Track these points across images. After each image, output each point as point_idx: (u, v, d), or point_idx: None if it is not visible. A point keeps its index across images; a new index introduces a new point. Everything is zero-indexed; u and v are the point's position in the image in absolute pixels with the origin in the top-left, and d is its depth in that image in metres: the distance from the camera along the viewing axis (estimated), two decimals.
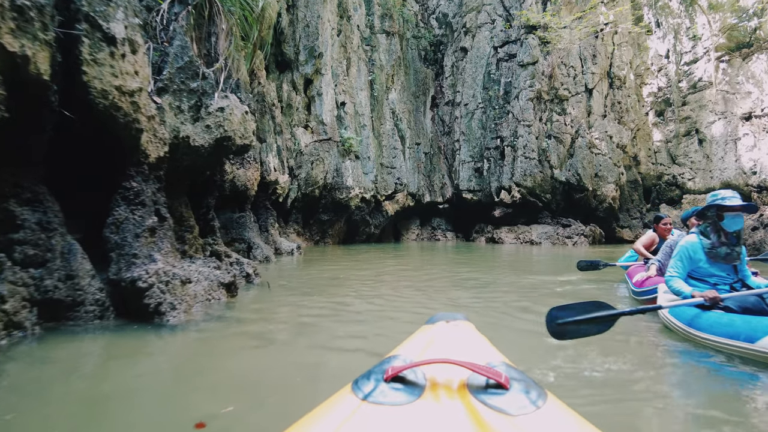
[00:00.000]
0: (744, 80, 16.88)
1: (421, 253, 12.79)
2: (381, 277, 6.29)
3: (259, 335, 3.20)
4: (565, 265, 8.04)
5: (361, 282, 5.62)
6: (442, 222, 20.00)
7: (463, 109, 18.79)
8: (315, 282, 5.59)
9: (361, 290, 5.01)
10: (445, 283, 6.07)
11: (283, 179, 11.02)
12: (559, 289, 5.31)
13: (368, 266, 7.68)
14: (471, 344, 1.25)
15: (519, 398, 0.86)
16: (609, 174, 16.46)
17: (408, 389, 0.90)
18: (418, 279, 6.24)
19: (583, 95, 16.75)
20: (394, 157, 16.93)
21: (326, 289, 5.04)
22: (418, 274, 6.81)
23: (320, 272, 6.73)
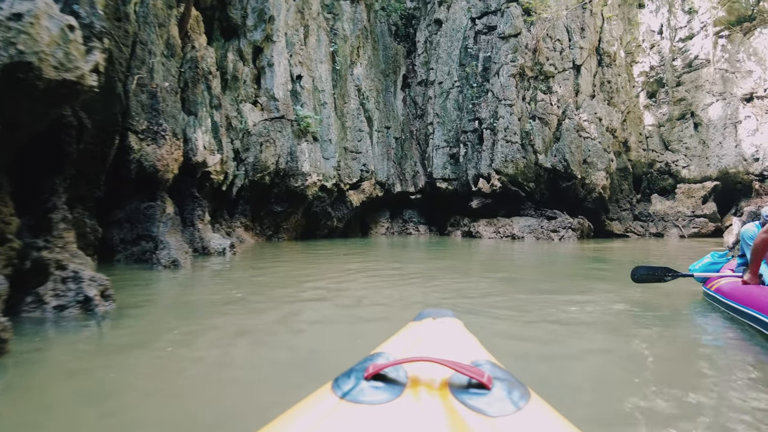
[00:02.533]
0: (745, 57, 15.78)
1: (388, 251, 11.22)
2: (315, 292, 4.69)
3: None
4: (567, 268, 6.59)
5: (278, 306, 3.90)
6: (415, 214, 18.49)
7: (437, 88, 17.25)
8: (202, 308, 3.93)
9: (261, 328, 3.29)
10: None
11: (214, 160, 9.28)
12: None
13: (311, 273, 6.05)
14: (457, 342, 1.24)
15: (500, 399, 0.85)
16: (599, 160, 15.17)
17: (388, 388, 0.89)
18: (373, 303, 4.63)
19: (571, 72, 15.39)
20: (359, 141, 15.28)
21: (204, 322, 3.37)
22: (374, 291, 5.22)
23: (235, 285, 4.97)
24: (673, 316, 3.88)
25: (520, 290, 4.72)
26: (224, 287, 4.78)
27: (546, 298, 4.37)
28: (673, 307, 4.18)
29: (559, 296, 4.45)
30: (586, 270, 6.96)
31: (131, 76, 6.87)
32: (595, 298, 4.26)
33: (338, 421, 0.80)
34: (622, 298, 4.34)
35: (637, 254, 9.61)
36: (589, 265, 7.79)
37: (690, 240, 15.18)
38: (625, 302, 4.18)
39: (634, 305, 4.07)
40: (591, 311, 3.74)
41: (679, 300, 4.39)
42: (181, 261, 6.11)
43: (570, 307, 3.90)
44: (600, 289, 4.88)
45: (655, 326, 3.38)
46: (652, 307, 4.02)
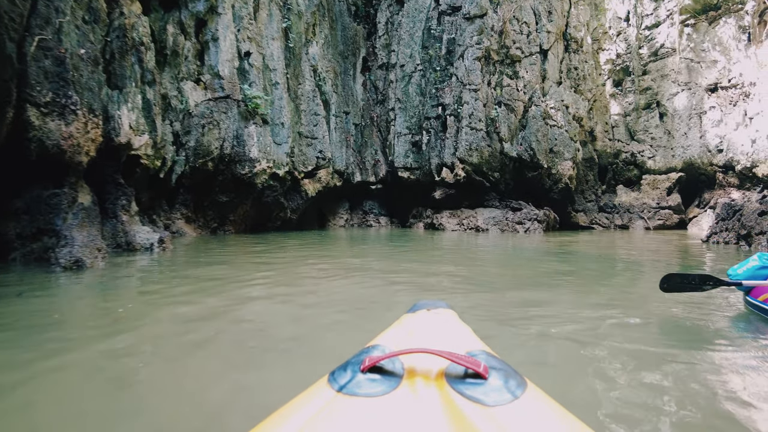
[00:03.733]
0: (710, 47, 15.69)
1: (347, 246, 10.41)
2: (224, 309, 3.82)
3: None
4: (537, 266, 5.96)
5: (170, 336, 2.89)
6: (375, 205, 17.73)
7: (398, 72, 16.48)
8: (56, 335, 2.63)
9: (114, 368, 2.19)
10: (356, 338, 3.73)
11: (141, 141, 8.23)
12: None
13: (249, 274, 5.18)
14: (452, 333, 1.25)
15: (497, 388, 0.86)
16: (565, 149, 14.78)
17: (385, 380, 0.90)
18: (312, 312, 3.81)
19: (538, 57, 14.90)
20: (315, 125, 14.35)
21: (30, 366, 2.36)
22: (328, 295, 4.39)
23: (133, 295, 3.97)
24: (711, 337, 2.73)
25: (482, 289, 4.04)
26: (113, 299, 3.80)
27: (521, 306, 3.70)
28: (702, 325, 3.02)
29: (547, 308, 3.77)
30: (563, 268, 6.38)
31: (30, 37, 5.79)
32: (588, 314, 3.54)
33: (335, 415, 0.80)
34: (624, 308, 3.64)
35: (605, 247, 9.17)
36: (565, 264, 7.24)
37: (655, 232, 15.05)
38: (628, 313, 3.25)
39: (647, 321, 3.01)
40: (586, 329, 2.97)
41: (704, 313, 3.31)
42: (87, 261, 5.13)
43: (559, 322, 3.22)
44: (591, 299, 4.23)
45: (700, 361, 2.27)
46: (680, 326, 2.96)
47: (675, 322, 3.08)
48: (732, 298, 3.65)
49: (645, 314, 3.19)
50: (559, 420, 0.83)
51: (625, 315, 3.16)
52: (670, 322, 3.09)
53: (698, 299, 3.59)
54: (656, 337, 2.70)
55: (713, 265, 6.02)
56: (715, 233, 8.99)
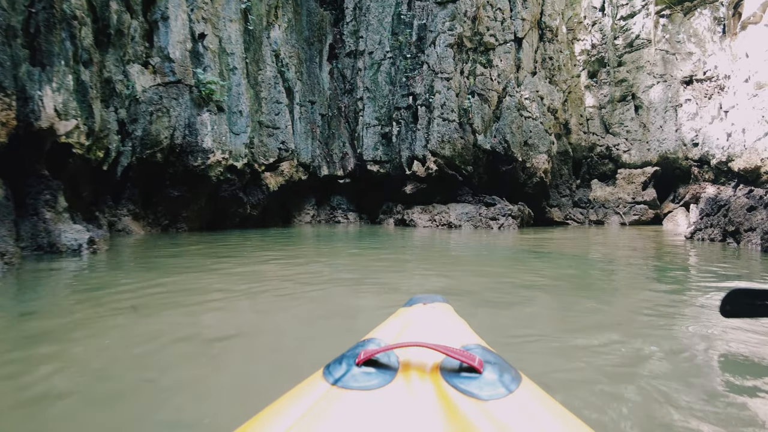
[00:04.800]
0: (685, 39, 15.49)
1: (312, 245, 9.67)
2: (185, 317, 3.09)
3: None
4: (514, 273, 5.39)
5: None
6: (343, 201, 17.01)
7: (367, 59, 15.77)
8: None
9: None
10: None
11: (67, 127, 7.30)
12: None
13: (195, 282, 4.40)
14: (448, 327, 1.26)
15: (491, 382, 0.86)
16: (540, 142, 14.35)
17: (380, 373, 0.90)
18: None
19: (512, 45, 14.40)
20: (277, 114, 13.52)
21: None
22: (289, 308, 3.66)
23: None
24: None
25: (455, 305, 3.42)
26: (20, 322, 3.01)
27: (499, 331, 3.08)
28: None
29: (530, 328, 3.15)
30: (544, 272, 5.82)
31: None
32: (585, 340, 2.91)
33: (330, 407, 0.80)
34: (628, 332, 3.02)
35: (585, 247, 8.71)
36: (546, 270, 6.69)
37: (631, 228, 14.79)
38: (637, 339, 2.46)
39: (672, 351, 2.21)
40: (584, 367, 2.34)
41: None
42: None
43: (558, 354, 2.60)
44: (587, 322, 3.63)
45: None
46: (729, 359, 2.13)
47: (712, 351, 2.26)
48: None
49: (662, 340, 2.59)
50: (553, 414, 0.81)
51: (633, 341, 2.56)
52: (707, 352, 2.22)
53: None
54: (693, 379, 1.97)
55: (713, 268, 5.54)
56: (700, 229, 8.62)
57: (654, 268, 5.27)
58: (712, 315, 2.88)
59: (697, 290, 3.80)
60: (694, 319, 2.83)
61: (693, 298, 3.45)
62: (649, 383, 1.81)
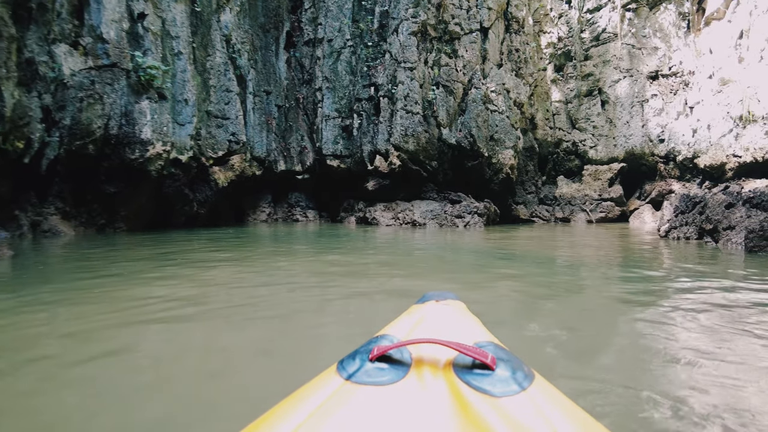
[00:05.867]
0: (651, 33, 15.38)
1: (259, 248, 8.84)
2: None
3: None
4: (485, 281, 4.82)
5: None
6: (302, 198, 16.20)
7: (326, 47, 15.00)
8: None
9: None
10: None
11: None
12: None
13: (88, 308, 3.59)
14: (460, 324, 1.26)
15: (504, 379, 0.86)
16: (506, 137, 13.92)
17: (393, 369, 0.91)
18: None
19: (478, 35, 13.90)
20: (227, 104, 12.61)
21: None
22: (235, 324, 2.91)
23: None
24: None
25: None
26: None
27: None
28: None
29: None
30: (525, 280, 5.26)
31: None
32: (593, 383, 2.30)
33: (344, 402, 0.81)
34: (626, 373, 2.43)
35: (556, 248, 8.26)
36: (521, 277, 6.13)
37: (598, 225, 14.56)
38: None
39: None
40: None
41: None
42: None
43: None
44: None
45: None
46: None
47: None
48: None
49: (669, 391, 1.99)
50: (566, 412, 0.81)
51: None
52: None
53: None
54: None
55: (702, 268, 5.07)
56: (675, 227, 8.28)
57: (646, 275, 4.77)
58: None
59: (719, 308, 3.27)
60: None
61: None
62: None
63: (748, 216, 7.55)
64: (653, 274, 4.56)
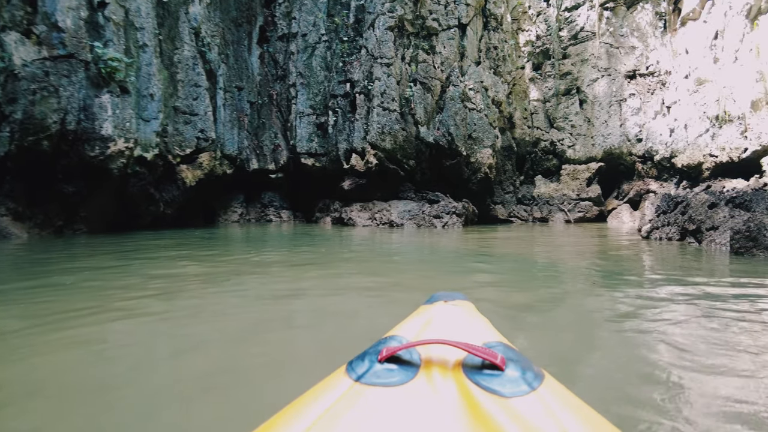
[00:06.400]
0: (628, 33, 15.35)
1: (227, 252, 8.38)
2: None
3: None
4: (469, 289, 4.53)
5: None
6: (276, 197, 15.71)
7: (300, 42, 14.56)
8: None
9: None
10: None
11: None
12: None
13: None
14: (470, 324, 1.25)
15: (514, 380, 0.85)
16: (485, 136, 13.69)
17: (402, 370, 0.90)
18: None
19: (456, 31, 13.64)
20: (195, 99, 12.07)
21: None
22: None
23: None
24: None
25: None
26: None
27: None
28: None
29: None
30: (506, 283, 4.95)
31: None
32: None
33: (353, 403, 0.80)
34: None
35: (527, 247, 8.02)
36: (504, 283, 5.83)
37: (576, 226, 14.45)
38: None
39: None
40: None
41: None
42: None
43: None
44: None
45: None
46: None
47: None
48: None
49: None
50: (577, 412, 0.79)
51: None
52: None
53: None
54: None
55: (690, 271, 4.83)
56: (657, 228, 8.11)
57: (631, 280, 4.50)
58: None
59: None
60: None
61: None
62: None
63: (731, 216, 7.42)
64: (639, 279, 4.29)
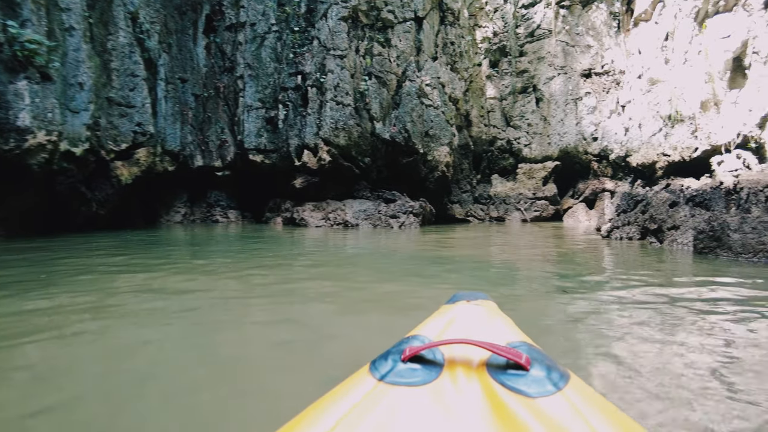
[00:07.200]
0: (584, 31, 15.38)
1: (162, 260, 7.61)
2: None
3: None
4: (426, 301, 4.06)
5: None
6: (223, 196, 14.87)
7: (248, 32, 13.80)
8: None
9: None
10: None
11: None
12: None
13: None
14: (492, 324, 1.22)
15: (539, 380, 0.83)
16: (442, 133, 13.36)
17: (425, 370, 0.90)
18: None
19: (412, 25, 13.24)
20: (132, 90, 11.15)
21: None
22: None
23: None
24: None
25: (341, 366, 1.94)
26: None
27: None
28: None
29: None
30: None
31: None
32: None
33: (377, 403, 0.80)
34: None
35: (486, 248, 7.69)
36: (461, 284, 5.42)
37: (533, 225, 14.34)
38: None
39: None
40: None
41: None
42: None
43: None
44: None
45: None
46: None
47: None
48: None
49: None
50: (603, 412, 0.78)
51: None
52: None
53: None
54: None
55: (657, 274, 4.53)
56: (617, 227, 7.94)
57: (602, 284, 4.15)
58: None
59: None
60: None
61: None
62: None
63: (692, 215, 7.30)
64: (604, 283, 3.95)
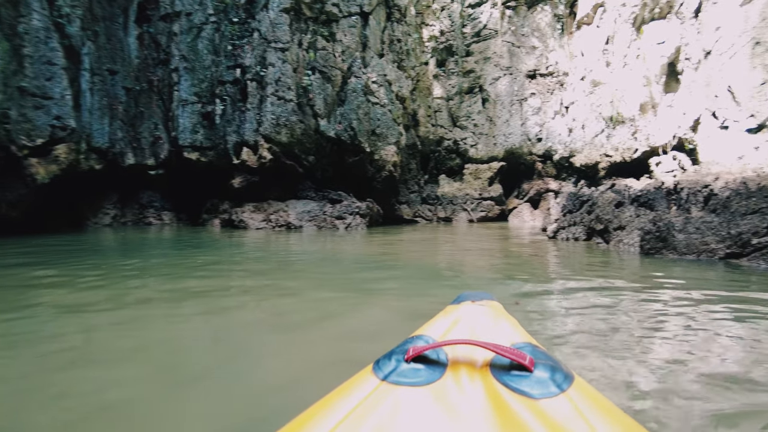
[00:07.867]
0: (529, 32, 15.49)
1: (80, 268, 6.84)
2: None
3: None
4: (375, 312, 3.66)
5: None
6: (156, 197, 13.94)
7: (184, 22, 13.00)
8: None
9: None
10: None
11: None
12: None
13: None
14: (497, 325, 1.22)
15: (543, 381, 0.83)
16: (389, 132, 13.04)
17: (429, 370, 0.90)
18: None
19: (358, 19, 12.85)
20: (49, 80, 10.15)
21: None
22: None
23: None
24: None
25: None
26: None
27: None
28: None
29: None
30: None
31: None
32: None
33: (381, 402, 0.80)
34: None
35: (432, 251, 7.42)
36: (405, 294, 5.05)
37: (479, 225, 14.28)
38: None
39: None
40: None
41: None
42: None
43: None
44: None
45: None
46: None
47: None
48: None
49: None
50: (606, 414, 0.78)
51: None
52: None
53: None
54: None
55: (610, 277, 4.34)
56: (563, 228, 7.84)
57: (550, 288, 3.89)
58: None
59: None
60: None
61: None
62: None
63: (637, 215, 7.27)
64: (555, 288, 3.69)
